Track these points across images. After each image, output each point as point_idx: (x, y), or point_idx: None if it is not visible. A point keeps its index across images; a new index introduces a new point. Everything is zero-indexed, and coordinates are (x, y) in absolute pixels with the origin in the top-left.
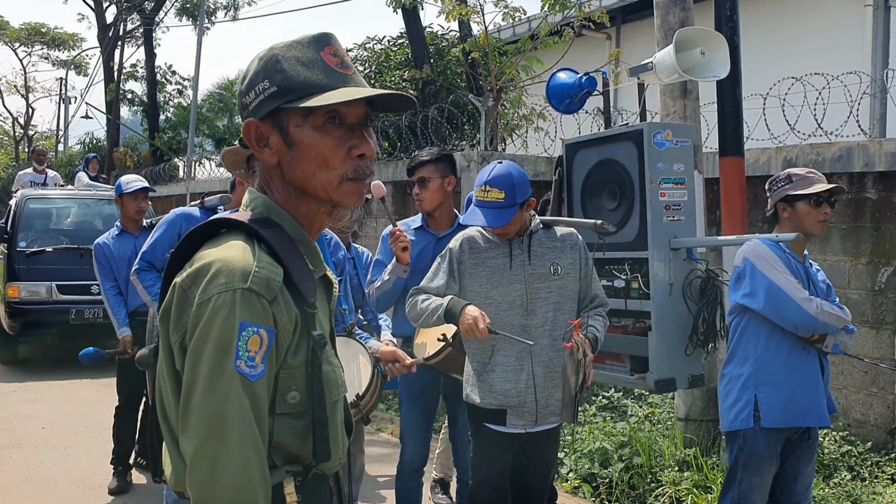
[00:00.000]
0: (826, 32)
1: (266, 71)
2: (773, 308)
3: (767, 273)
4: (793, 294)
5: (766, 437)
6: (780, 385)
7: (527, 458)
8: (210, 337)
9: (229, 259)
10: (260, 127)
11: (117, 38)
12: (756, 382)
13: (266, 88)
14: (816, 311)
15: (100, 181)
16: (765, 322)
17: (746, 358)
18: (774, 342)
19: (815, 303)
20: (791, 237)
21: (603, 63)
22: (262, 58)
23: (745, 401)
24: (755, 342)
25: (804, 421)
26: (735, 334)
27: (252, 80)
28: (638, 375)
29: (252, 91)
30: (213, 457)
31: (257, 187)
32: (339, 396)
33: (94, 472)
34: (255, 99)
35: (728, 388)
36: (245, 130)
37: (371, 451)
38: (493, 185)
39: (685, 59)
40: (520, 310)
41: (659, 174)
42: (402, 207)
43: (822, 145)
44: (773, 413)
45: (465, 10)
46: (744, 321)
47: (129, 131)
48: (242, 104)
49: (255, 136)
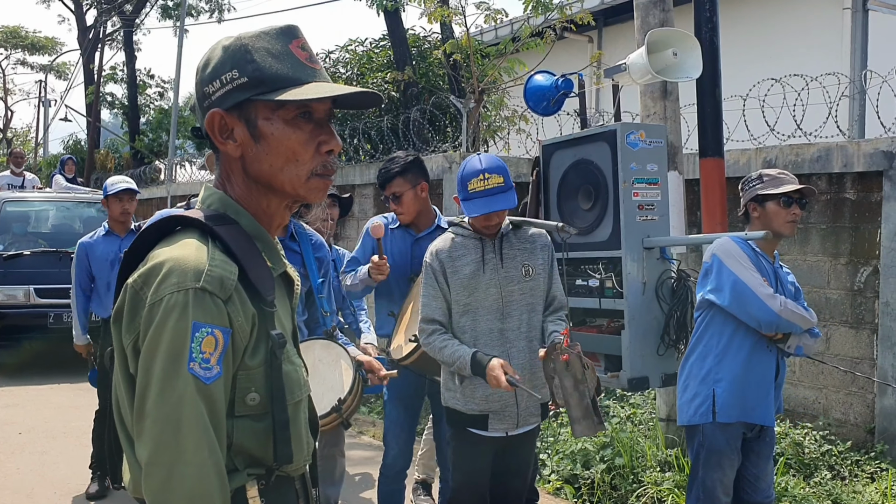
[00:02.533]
0: (805, 34)
1: (234, 60)
2: (737, 304)
3: (734, 269)
4: (757, 290)
5: (724, 433)
6: (736, 381)
7: (507, 459)
8: (162, 339)
9: (182, 258)
10: (225, 118)
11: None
12: (716, 378)
13: (235, 78)
14: (780, 309)
15: (77, 183)
16: (730, 319)
17: (708, 353)
18: (738, 339)
19: (780, 300)
20: (760, 235)
21: (585, 65)
22: (227, 46)
23: (704, 395)
24: (718, 338)
25: (754, 418)
26: (699, 329)
27: (217, 69)
28: (611, 374)
29: (217, 80)
30: (168, 463)
31: (215, 182)
32: (302, 396)
33: (72, 477)
34: (221, 88)
35: (687, 382)
36: (209, 121)
37: (353, 454)
38: (490, 171)
39: (658, 60)
40: (496, 314)
41: (632, 174)
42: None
43: (802, 146)
44: (729, 408)
45: (446, 12)
46: (709, 316)
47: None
48: (203, 93)
49: (219, 127)
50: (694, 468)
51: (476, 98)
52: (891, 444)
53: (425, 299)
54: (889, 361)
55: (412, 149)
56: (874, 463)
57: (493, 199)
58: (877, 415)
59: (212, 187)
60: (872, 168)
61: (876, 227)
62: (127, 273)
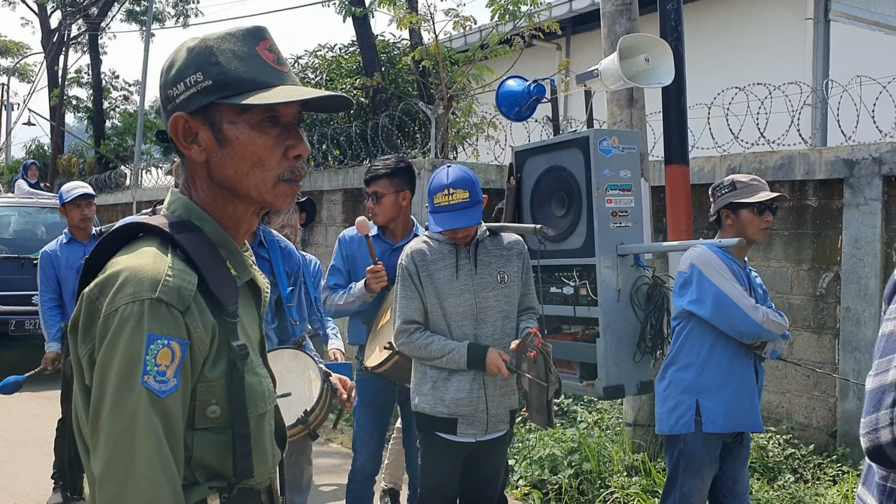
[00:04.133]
0: (768, 44)
1: (198, 63)
2: (720, 315)
3: (714, 280)
4: (740, 302)
5: (706, 442)
6: (720, 391)
7: (476, 465)
8: (117, 351)
9: (138, 267)
10: (189, 122)
11: (62, 44)
12: (698, 388)
13: (199, 81)
14: (762, 320)
15: (41, 188)
16: (710, 329)
17: (689, 363)
18: (718, 349)
19: (762, 311)
20: (733, 242)
21: (553, 72)
22: (192, 48)
23: (687, 405)
24: (699, 348)
25: (742, 426)
26: (678, 339)
27: (181, 72)
28: (587, 382)
29: (181, 83)
30: (120, 479)
31: (180, 188)
32: (267, 408)
33: (33, 487)
34: (185, 92)
35: (668, 392)
36: (172, 125)
37: (320, 462)
38: (455, 186)
39: (630, 65)
40: (470, 320)
41: (605, 181)
42: (352, 214)
43: (765, 154)
44: (715, 418)
45: (415, 18)
46: (689, 327)
47: (74, 138)
48: (167, 96)
49: (182, 131)
50: (672, 475)
51: (445, 104)
52: (852, 447)
53: (403, 301)
54: (850, 365)
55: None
56: (836, 466)
57: (456, 214)
58: (838, 418)
59: (177, 192)
60: (834, 175)
61: (837, 233)
62: (87, 281)
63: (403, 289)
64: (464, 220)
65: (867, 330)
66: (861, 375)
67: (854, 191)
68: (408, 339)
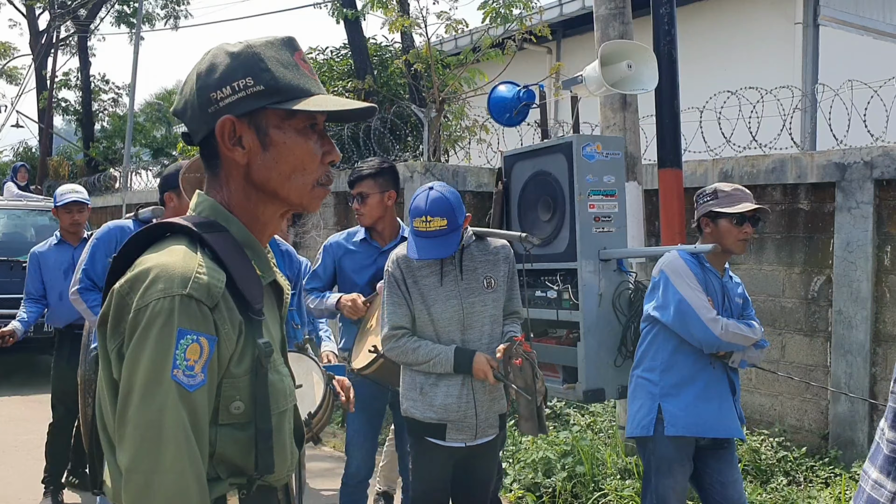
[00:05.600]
0: (759, 48)
1: (248, 68)
2: (680, 323)
3: (679, 288)
4: (700, 313)
5: (673, 443)
6: (681, 395)
7: (467, 469)
8: (147, 345)
9: (169, 264)
10: (236, 124)
11: (50, 46)
12: (661, 392)
13: (250, 86)
14: (721, 332)
15: (30, 191)
16: (673, 335)
17: (654, 367)
18: (681, 355)
19: (721, 323)
20: (708, 248)
21: (544, 76)
22: (236, 53)
23: (649, 408)
24: (663, 353)
25: (712, 432)
26: (644, 342)
27: (227, 75)
28: (567, 386)
29: (227, 86)
30: (147, 470)
31: (207, 189)
32: (288, 406)
33: (24, 491)
34: (233, 95)
35: (635, 392)
36: (220, 127)
37: (314, 466)
38: (433, 213)
39: (612, 72)
40: (458, 325)
41: (588, 186)
42: (344, 218)
43: (757, 157)
44: (676, 421)
45: (407, 21)
46: (654, 330)
47: (63, 141)
48: (210, 98)
49: (229, 133)
50: (646, 476)
51: (437, 107)
52: (844, 449)
53: (390, 307)
54: (842, 368)
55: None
56: (828, 468)
57: (434, 242)
58: (830, 421)
59: (203, 194)
60: (825, 179)
61: (829, 237)
62: (114, 278)
63: (390, 295)
64: (439, 251)
65: (859, 333)
66: (852, 378)
67: (846, 194)
68: (395, 344)
